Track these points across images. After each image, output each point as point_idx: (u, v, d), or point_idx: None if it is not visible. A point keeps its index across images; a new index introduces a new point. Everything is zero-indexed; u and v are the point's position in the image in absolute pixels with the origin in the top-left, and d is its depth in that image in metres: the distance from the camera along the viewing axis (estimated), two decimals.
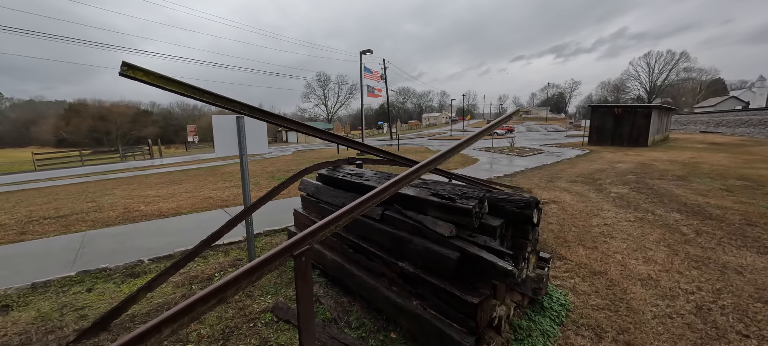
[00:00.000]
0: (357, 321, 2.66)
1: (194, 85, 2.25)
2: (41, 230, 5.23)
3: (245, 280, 1.84)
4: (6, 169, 20.21)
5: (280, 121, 2.82)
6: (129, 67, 1.95)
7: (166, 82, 2.13)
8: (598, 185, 8.43)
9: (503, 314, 2.52)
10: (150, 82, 2.07)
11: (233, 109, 2.50)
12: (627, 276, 3.45)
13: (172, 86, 2.14)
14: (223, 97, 2.43)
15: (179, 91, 2.19)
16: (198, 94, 2.28)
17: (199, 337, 2.52)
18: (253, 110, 2.63)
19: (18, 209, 7.02)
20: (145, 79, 2.05)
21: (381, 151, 3.67)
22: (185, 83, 2.21)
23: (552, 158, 15.07)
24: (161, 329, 1.61)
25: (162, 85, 2.11)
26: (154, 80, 2.08)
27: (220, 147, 3.51)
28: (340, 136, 3.21)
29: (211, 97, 2.36)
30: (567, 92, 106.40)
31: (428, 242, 2.52)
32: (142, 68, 2.02)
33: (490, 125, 3.35)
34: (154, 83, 2.09)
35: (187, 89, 2.21)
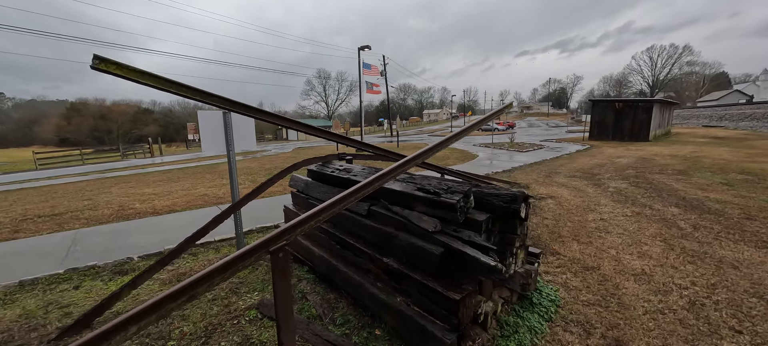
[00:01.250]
0: (342, 318, 2.63)
1: (170, 79, 2.20)
2: (35, 229, 5.23)
3: (218, 276, 1.81)
4: (8, 168, 20.32)
5: (265, 116, 2.77)
6: (101, 60, 1.90)
7: (140, 75, 2.08)
8: (597, 180, 8.35)
9: (489, 310, 2.48)
10: (123, 76, 2.01)
11: (214, 104, 2.45)
12: (620, 271, 3.40)
13: (146, 80, 2.09)
14: (201, 92, 2.38)
15: (154, 84, 2.13)
16: (175, 88, 2.22)
17: (182, 334, 2.50)
18: (235, 105, 2.58)
19: (14, 207, 7.03)
20: (118, 72, 1.99)
21: (370, 146, 3.62)
22: (161, 77, 2.16)
23: (552, 153, 14.96)
24: (127, 326, 1.58)
25: (136, 79, 2.06)
26: (128, 73, 2.03)
27: (207, 144, 3.47)
28: (325, 131, 3.16)
29: (188, 91, 2.31)
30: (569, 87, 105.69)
31: (413, 237, 2.48)
32: (115, 61, 1.97)
33: (480, 120, 3.29)
34: (128, 77, 2.03)
35: (162, 83, 2.16)
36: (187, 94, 2.28)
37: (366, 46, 19.69)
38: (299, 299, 2.96)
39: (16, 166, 20.90)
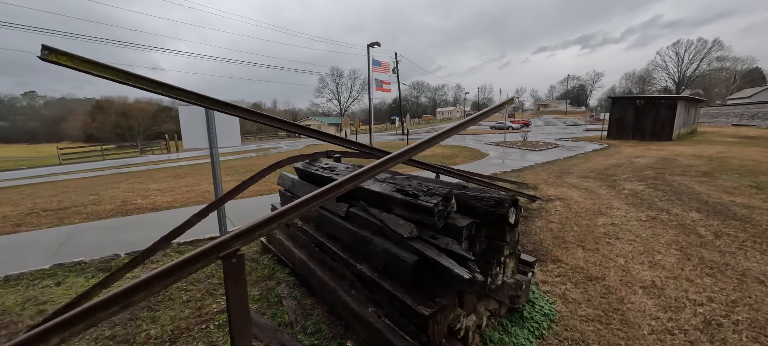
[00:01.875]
0: (314, 326, 2.46)
1: (127, 71, 2.07)
2: (37, 222, 5.34)
3: (159, 283, 1.66)
4: (34, 163, 21.31)
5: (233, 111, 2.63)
6: (50, 51, 1.79)
7: (93, 66, 1.96)
8: (612, 181, 7.88)
9: (471, 324, 2.25)
10: (75, 67, 1.90)
11: (176, 97, 2.32)
12: (627, 283, 3.09)
13: (100, 71, 1.97)
14: (164, 84, 2.25)
15: (110, 76, 2.01)
16: (132, 80, 2.09)
17: (148, 337, 2.40)
18: (201, 99, 2.45)
19: (25, 201, 7.25)
20: (69, 63, 1.88)
21: (356, 144, 3.45)
22: (116, 68, 2.04)
23: (566, 153, 14.36)
24: (49, 336, 1.45)
25: (89, 70, 1.95)
26: (80, 65, 1.91)
27: (188, 139, 3.38)
28: (309, 129, 3.00)
29: (149, 83, 2.17)
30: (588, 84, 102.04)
31: (388, 242, 2.28)
32: (66, 52, 1.86)
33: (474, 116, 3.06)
34: (81, 68, 1.92)
35: (118, 75, 2.04)
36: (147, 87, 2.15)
37: (375, 43, 19.47)
38: (275, 304, 2.82)
39: (42, 162, 21.90)
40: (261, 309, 2.75)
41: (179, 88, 2.27)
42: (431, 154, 15.88)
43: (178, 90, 2.27)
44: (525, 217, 5.16)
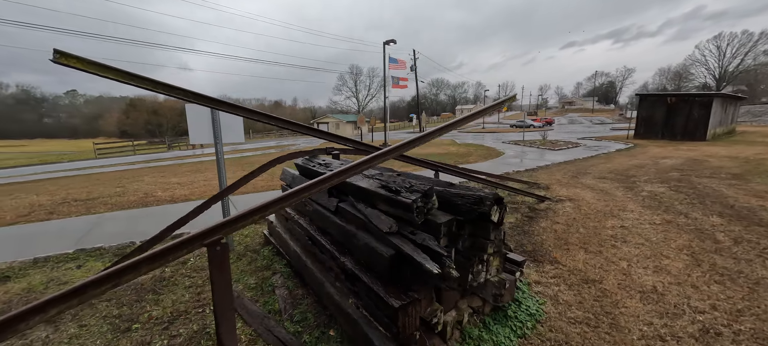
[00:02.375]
0: (300, 315, 2.57)
1: (130, 72, 2.23)
2: (67, 211, 5.81)
3: (146, 266, 1.79)
4: (73, 157, 22.98)
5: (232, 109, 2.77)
6: (61, 54, 1.97)
7: (99, 68, 2.12)
8: (631, 183, 7.53)
9: (451, 320, 2.27)
10: (84, 69, 2.07)
11: (176, 96, 2.47)
12: (626, 287, 2.99)
13: (106, 72, 2.14)
14: (163, 84, 2.40)
15: (115, 77, 2.17)
16: (135, 81, 2.25)
17: (149, 318, 2.59)
18: (200, 98, 2.60)
19: (60, 191, 7.89)
20: (78, 65, 2.05)
21: (351, 141, 3.52)
22: (120, 70, 2.20)
23: (588, 152, 13.82)
24: (47, 308, 1.62)
25: (96, 72, 2.11)
26: (87, 67, 2.08)
27: (195, 134, 3.58)
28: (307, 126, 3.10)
29: (150, 83, 2.32)
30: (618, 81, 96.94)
31: (370, 237, 2.34)
32: (75, 55, 2.02)
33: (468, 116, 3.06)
34: (88, 70, 2.08)
35: (122, 75, 2.20)
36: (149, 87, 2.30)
37: (391, 41, 19.46)
38: (268, 292, 2.96)
39: (80, 156, 23.57)
40: (255, 297, 2.89)
41: (179, 87, 2.42)
42: (445, 152, 15.75)
43: (179, 90, 2.42)
44: (530, 217, 5.06)
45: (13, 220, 5.38)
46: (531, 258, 3.63)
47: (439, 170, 4.39)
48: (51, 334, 2.43)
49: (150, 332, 2.44)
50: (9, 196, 7.55)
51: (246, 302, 2.70)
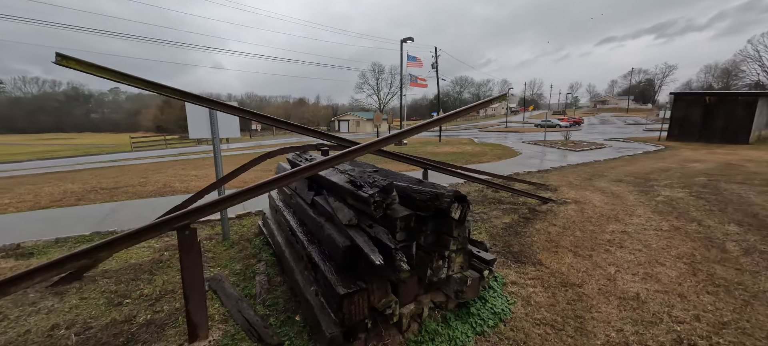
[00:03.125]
0: (272, 300, 2.72)
1: (124, 73, 2.46)
2: (93, 198, 6.38)
3: (121, 245, 2.02)
4: (112, 149, 24.86)
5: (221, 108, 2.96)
6: (62, 57, 2.21)
7: (97, 69, 2.36)
8: (648, 187, 7.12)
9: (408, 312, 2.33)
10: (83, 70, 2.31)
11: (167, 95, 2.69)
12: (606, 293, 2.89)
13: (102, 73, 2.37)
14: (155, 84, 2.62)
15: (110, 77, 2.40)
16: (129, 81, 2.48)
17: (141, 295, 2.85)
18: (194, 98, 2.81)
19: (91, 180, 8.64)
20: (78, 67, 2.29)
21: (336, 137, 3.63)
22: (115, 70, 2.42)
23: (612, 154, 13.16)
24: (33, 276, 1.87)
25: (93, 73, 2.35)
26: (86, 68, 2.32)
27: (194, 130, 3.84)
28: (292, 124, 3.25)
29: (142, 83, 2.55)
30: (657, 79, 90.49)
31: (333, 228, 2.44)
32: (75, 58, 2.26)
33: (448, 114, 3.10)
34: (87, 71, 2.33)
35: (116, 76, 2.43)
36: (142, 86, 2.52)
37: (409, 39, 19.38)
38: (250, 278, 3.14)
39: (118, 148, 25.47)
40: (237, 282, 3.08)
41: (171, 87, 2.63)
42: (459, 151, 15.54)
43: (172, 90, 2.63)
44: (527, 218, 4.95)
45: (47, 204, 6.00)
46: (514, 259, 3.58)
47: (428, 168, 4.40)
48: (56, 303, 2.74)
49: (138, 306, 2.69)
50: (49, 183, 8.38)
51: (225, 285, 2.90)
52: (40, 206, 5.89)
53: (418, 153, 16.23)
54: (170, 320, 2.48)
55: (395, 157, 4.08)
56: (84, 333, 2.37)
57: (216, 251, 3.82)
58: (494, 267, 2.76)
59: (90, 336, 2.33)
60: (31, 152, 26.04)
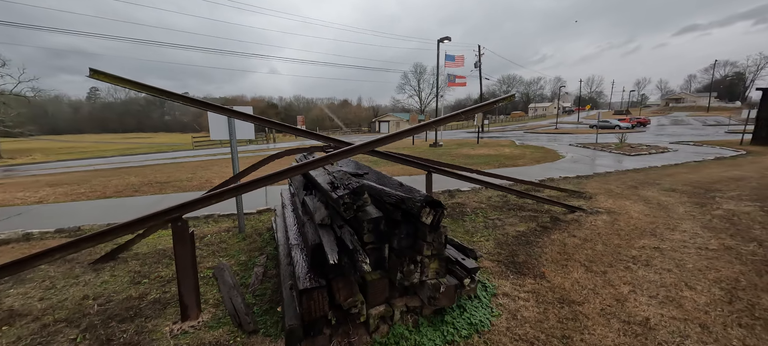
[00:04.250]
0: (262, 291, 2.92)
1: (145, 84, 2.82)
2: (146, 190, 7.33)
3: (121, 232, 2.34)
4: (177, 147, 28.06)
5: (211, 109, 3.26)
6: (95, 72, 2.63)
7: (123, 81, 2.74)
8: (708, 198, 6.18)
9: (376, 313, 2.35)
10: (113, 83, 2.71)
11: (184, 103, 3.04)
12: (609, 314, 2.61)
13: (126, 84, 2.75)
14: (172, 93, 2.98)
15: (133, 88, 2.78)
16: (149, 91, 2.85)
17: (157, 277, 3.24)
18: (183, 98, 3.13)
19: (150, 175, 9.90)
20: (108, 80, 2.69)
21: (332, 140, 3.76)
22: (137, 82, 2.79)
23: (676, 159, 11.64)
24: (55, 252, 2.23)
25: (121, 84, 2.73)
26: (115, 81, 2.71)
27: (214, 132, 4.26)
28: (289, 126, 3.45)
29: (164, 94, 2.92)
30: (750, 72, 76.99)
31: (312, 227, 2.55)
32: (107, 73, 2.65)
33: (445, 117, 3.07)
34: (116, 83, 2.72)
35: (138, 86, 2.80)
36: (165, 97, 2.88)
37: (446, 38, 18.99)
38: (250, 269, 3.39)
39: (182, 147, 28.68)
40: (238, 271, 3.36)
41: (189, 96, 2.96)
42: (496, 153, 14.87)
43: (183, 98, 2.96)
44: (545, 228, 4.61)
45: (110, 194, 7.04)
46: (515, 270, 3.38)
47: (431, 171, 4.34)
48: (92, 278, 3.24)
49: (152, 286, 3.07)
50: (117, 176, 9.81)
51: (226, 273, 3.17)
52: (105, 196, 6.95)
53: (452, 155, 15.85)
54: (173, 301, 2.80)
55: (396, 159, 4.08)
56: (106, 305, 2.77)
57: (229, 242, 4.17)
58: (477, 276, 2.65)
59: (109, 307, 2.73)
60: (116, 149, 30.54)
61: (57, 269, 3.45)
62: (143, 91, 2.81)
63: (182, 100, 3.27)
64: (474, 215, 5.32)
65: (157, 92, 2.81)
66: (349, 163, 4.30)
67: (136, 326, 2.47)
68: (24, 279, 3.24)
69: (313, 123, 59.82)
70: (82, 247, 2.27)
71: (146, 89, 2.79)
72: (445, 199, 6.41)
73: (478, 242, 4.15)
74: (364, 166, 3.81)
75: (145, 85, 2.79)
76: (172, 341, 2.30)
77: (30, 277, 3.28)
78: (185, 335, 2.36)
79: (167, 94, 2.91)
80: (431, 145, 19.79)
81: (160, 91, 2.84)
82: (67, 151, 29.66)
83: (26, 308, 2.73)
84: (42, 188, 8.10)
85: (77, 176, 10.71)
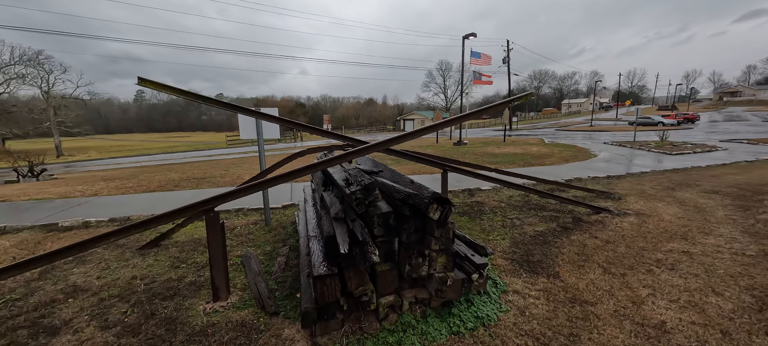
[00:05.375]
0: (284, 278, 3.16)
1: (187, 90, 3.16)
2: (185, 185, 7.98)
3: (158, 222, 2.67)
4: (213, 146, 29.82)
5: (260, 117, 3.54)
6: (143, 80, 2.98)
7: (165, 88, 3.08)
8: (755, 201, 5.71)
9: (385, 302, 2.49)
10: (156, 89, 3.06)
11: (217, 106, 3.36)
12: (622, 315, 2.58)
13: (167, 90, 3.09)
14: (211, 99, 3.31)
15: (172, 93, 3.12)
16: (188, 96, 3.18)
17: (193, 262, 3.60)
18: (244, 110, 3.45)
19: (188, 171, 10.70)
20: (153, 86, 3.03)
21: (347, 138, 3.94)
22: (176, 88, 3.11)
23: (724, 158, 10.75)
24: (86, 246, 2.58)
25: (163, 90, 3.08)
26: (158, 87, 3.05)
27: (244, 132, 4.61)
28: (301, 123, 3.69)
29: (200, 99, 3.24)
30: None
31: (328, 220, 2.74)
32: (151, 80, 2.99)
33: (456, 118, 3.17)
34: (159, 89, 3.07)
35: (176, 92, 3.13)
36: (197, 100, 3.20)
37: (471, 34, 18.66)
38: (274, 258, 3.67)
39: (217, 145, 30.45)
40: (263, 260, 3.65)
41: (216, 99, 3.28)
42: (523, 152, 14.45)
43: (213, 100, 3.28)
44: (566, 228, 4.53)
45: (154, 188, 7.75)
46: (528, 268, 3.39)
47: (446, 169, 4.40)
48: (139, 262, 3.67)
49: (189, 270, 3.42)
50: (160, 172, 10.73)
51: (252, 261, 3.46)
52: (150, 190, 7.66)
53: (476, 153, 15.60)
54: (206, 283, 3.12)
55: (412, 158, 4.20)
56: (150, 284, 3.15)
57: (257, 233, 4.51)
58: (485, 272, 2.71)
59: (153, 287, 3.10)
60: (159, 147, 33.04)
61: (111, 253, 3.93)
62: (182, 96, 3.14)
63: (215, 103, 3.60)
64: (492, 213, 5.30)
65: (194, 97, 3.13)
66: (367, 161, 4.47)
67: (176, 304, 2.80)
68: (84, 260, 3.73)
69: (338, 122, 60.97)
70: (129, 233, 2.61)
71: (185, 95, 3.12)
72: (464, 197, 6.42)
73: (493, 241, 4.17)
74: (381, 164, 3.96)
75: (184, 91, 3.12)
76: (205, 318, 2.59)
77: (89, 259, 3.77)
78: (216, 314, 2.65)
79: (203, 99, 3.22)
80: (455, 143, 19.56)
81: (196, 96, 3.16)
82: (117, 149, 32.55)
83: (87, 285, 3.17)
84: (97, 182, 9.07)
85: (126, 172, 11.84)
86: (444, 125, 3.37)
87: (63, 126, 33.99)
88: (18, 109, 32.96)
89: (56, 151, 31.02)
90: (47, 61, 32.89)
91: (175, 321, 2.56)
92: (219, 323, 2.54)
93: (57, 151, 31.17)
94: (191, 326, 2.49)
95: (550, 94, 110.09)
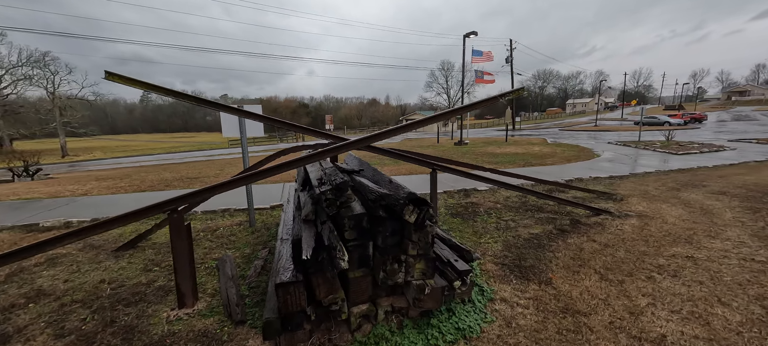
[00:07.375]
0: (257, 283, 2.98)
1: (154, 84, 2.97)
2: (177, 185, 7.86)
3: (118, 223, 2.49)
4: (213, 145, 29.87)
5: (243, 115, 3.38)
6: (109, 74, 2.82)
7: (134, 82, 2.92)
8: (765, 203, 5.43)
9: (358, 312, 2.30)
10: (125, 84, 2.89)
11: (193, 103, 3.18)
12: (617, 328, 2.36)
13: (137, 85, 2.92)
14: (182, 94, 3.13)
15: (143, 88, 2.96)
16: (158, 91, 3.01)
17: (167, 264, 3.44)
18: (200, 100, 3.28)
19: (183, 171, 10.60)
20: (121, 81, 2.87)
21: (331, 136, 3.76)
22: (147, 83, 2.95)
23: (733, 158, 10.41)
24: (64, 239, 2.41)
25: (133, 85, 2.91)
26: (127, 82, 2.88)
27: (226, 130, 4.44)
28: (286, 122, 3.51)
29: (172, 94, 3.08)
30: None
31: (299, 222, 2.56)
32: (120, 75, 2.82)
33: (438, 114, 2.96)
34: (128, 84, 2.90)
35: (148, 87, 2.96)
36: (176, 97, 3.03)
37: (472, 33, 18.40)
38: (251, 261, 3.50)
39: (219, 145, 30.49)
40: (241, 263, 3.47)
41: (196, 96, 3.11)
42: (524, 152, 14.18)
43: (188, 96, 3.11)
44: (562, 231, 4.30)
45: (145, 188, 7.65)
46: (519, 274, 3.17)
47: (436, 168, 4.19)
48: (112, 264, 3.52)
49: (160, 274, 3.26)
50: (154, 172, 10.65)
51: (227, 265, 3.29)
52: (140, 189, 7.56)
53: (476, 153, 15.34)
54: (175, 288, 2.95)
55: (398, 156, 4.00)
56: (117, 289, 2.99)
57: (239, 235, 4.34)
58: (468, 279, 2.51)
59: (120, 292, 2.94)
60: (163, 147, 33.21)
61: (85, 255, 3.79)
62: (153, 91, 2.97)
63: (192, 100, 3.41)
64: (487, 215, 5.09)
65: (167, 93, 2.96)
66: (353, 160, 4.29)
67: (139, 311, 2.64)
68: (56, 262, 3.59)
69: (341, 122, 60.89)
70: (82, 237, 2.44)
71: (156, 90, 2.95)
72: (459, 198, 6.21)
73: (485, 244, 3.96)
74: (365, 163, 3.78)
75: (155, 85, 2.94)
76: (166, 326, 2.42)
77: (61, 261, 3.63)
78: (179, 322, 2.47)
79: (176, 94, 3.05)
80: (456, 143, 19.31)
81: (167, 91, 2.99)
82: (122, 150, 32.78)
83: (52, 289, 3.02)
84: (90, 182, 9.00)
85: (122, 172, 11.79)
86: (427, 122, 3.18)
87: (69, 126, 34.28)
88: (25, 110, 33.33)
89: (61, 152, 31.31)
90: (53, 62, 33.25)
91: (133, 329, 2.39)
92: (180, 332, 2.36)
93: (62, 151, 31.46)
94: (149, 336, 2.32)
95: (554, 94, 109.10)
